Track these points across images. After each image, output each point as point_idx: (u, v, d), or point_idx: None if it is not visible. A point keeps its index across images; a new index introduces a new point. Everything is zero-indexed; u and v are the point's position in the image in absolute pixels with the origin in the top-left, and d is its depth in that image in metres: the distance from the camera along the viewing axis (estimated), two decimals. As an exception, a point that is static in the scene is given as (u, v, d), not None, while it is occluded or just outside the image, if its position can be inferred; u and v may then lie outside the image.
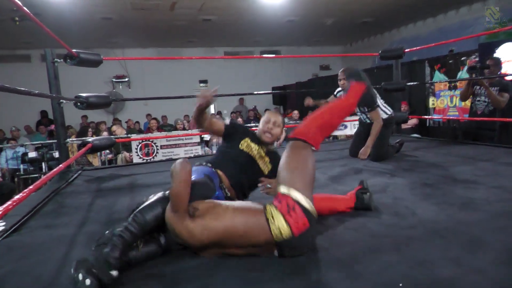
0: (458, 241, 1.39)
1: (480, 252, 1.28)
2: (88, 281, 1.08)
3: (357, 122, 3.46)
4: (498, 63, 3.61)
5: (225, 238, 1.27)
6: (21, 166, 6.05)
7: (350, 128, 5.90)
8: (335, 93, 3.67)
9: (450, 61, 6.18)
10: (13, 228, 1.82)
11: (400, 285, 1.09)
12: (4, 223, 1.86)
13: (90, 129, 6.51)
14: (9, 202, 1.44)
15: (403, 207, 1.82)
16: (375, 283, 1.11)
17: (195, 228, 1.25)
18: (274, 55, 11.27)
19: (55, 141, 4.32)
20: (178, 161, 1.35)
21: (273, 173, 1.88)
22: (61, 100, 3.20)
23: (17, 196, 1.55)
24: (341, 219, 1.70)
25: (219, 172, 1.77)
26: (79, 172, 3.37)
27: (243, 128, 2.06)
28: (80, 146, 3.20)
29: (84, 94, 3.12)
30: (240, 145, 1.89)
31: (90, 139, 3.33)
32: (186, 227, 1.26)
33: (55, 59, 3.22)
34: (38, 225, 1.90)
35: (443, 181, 2.31)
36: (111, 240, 1.19)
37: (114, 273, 1.09)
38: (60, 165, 2.54)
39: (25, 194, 1.62)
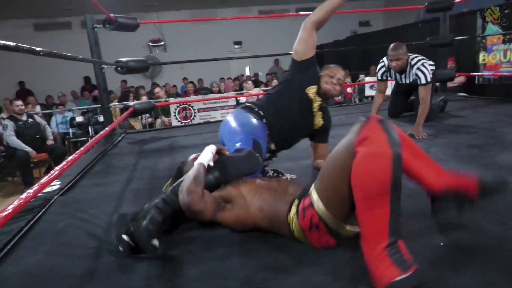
0: (504, 203, 1.33)
1: (528, 214, 1.23)
2: (120, 248, 1.16)
3: (393, 82, 3.16)
4: None
5: (254, 227, 1.24)
6: (70, 130, 6.44)
7: (389, 87, 5.64)
8: (378, 74, 3.02)
9: (506, 11, 5.61)
10: (68, 186, 1.97)
11: (441, 244, 1.08)
12: (59, 182, 2.02)
13: (131, 94, 6.71)
14: (63, 163, 1.55)
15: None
16: (420, 244, 1.10)
17: (227, 220, 1.25)
18: (310, 12, 10.81)
19: (99, 105, 4.52)
20: (184, 187, 1.19)
21: (322, 129, 1.85)
22: (103, 66, 3.30)
23: (70, 158, 1.67)
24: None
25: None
26: (123, 135, 3.54)
27: (317, 72, 1.81)
28: (122, 110, 3.32)
29: (123, 59, 3.20)
30: (306, 90, 1.74)
31: (131, 103, 3.44)
32: (219, 219, 1.25)
33: (95, 25, 3.29)
34: (89, 184, 2.05)
35: (492, 143, 2.19)
36: (148, 212, 1.20)
37: (155, 242, 1.12)
38: (106, 128, 2.67)
39: (77, 155, 1.73)
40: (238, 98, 6.22)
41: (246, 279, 1.01)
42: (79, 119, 6.37)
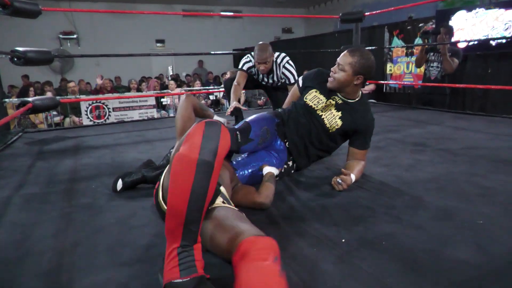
0: (401, 201, 1.43)
1: (420, 210, 1.33)
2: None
3: None
4: (450, 30, 3.69)
5: None
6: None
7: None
8: (244, 66, 2.78)
9: (408, 27, 6.26)
10: None
11: (343, 240, 1.11)
12: None
13: (32, 89, 5.94)
14: None
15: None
16: (318, 239, 1.12)
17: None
18: (233, 13, 10.86)
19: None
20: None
21: (342, 131, 1.69)
22: (-6, 55, 2.87)
23: None
24: (293, 181, 1.71)
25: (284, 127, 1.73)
26: (20, 134, 3.12)
27: (313, 78, 1.80)
28: (18, 106, 2.93)
29: (21, 49, 2.82)
30: (305, 98, 1.75)
31: (30, 99, 3.05)
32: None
33: (-15, 8, 2.85)
34: (-33, 190, 1.73)
35: (394, 144, 2.38)
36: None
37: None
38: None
39: None
40: (160, 98, 5.95)
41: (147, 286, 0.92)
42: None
